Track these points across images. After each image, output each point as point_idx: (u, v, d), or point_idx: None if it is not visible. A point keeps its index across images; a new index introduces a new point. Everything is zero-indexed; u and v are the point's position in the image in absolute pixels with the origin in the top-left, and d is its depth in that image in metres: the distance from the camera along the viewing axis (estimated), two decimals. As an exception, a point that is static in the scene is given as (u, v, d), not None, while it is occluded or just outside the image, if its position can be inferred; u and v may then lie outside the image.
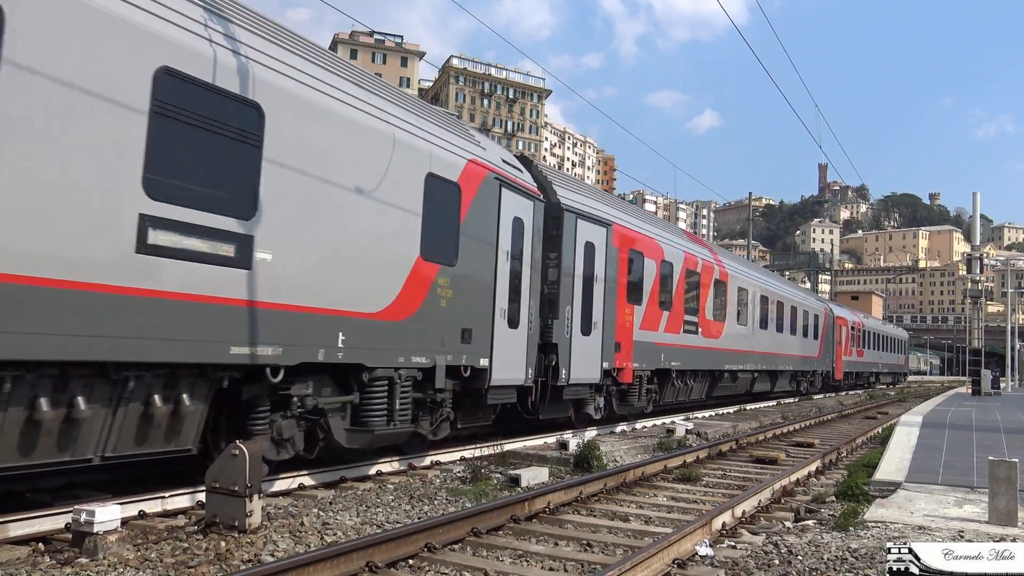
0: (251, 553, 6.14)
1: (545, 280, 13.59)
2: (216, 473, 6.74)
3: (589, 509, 8.70)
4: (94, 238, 6.22)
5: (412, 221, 9.90)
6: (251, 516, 6.68)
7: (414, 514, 8.04)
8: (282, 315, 7.89)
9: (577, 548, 6.97)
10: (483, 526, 7.17)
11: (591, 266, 14.78)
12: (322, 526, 7.22)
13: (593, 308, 14.75)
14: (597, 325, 14.83)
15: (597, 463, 11.19)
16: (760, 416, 22.16)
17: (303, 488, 8.95)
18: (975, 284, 36.36)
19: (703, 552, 6.71)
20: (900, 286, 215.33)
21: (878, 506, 8.47)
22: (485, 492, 9.21)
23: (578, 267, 14.29)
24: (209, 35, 7.26)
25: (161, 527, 6.85)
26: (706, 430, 16.78)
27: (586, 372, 14.53)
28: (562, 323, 13.74)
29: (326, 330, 8.50)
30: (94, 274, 6.17)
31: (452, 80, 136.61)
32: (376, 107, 9.40)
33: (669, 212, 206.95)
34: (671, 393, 19.40)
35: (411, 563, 6.20)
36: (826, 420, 22.44)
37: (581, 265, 14.40)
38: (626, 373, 16.14)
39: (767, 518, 8.50)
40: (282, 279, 7.89)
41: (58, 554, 5.92)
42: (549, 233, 13.60)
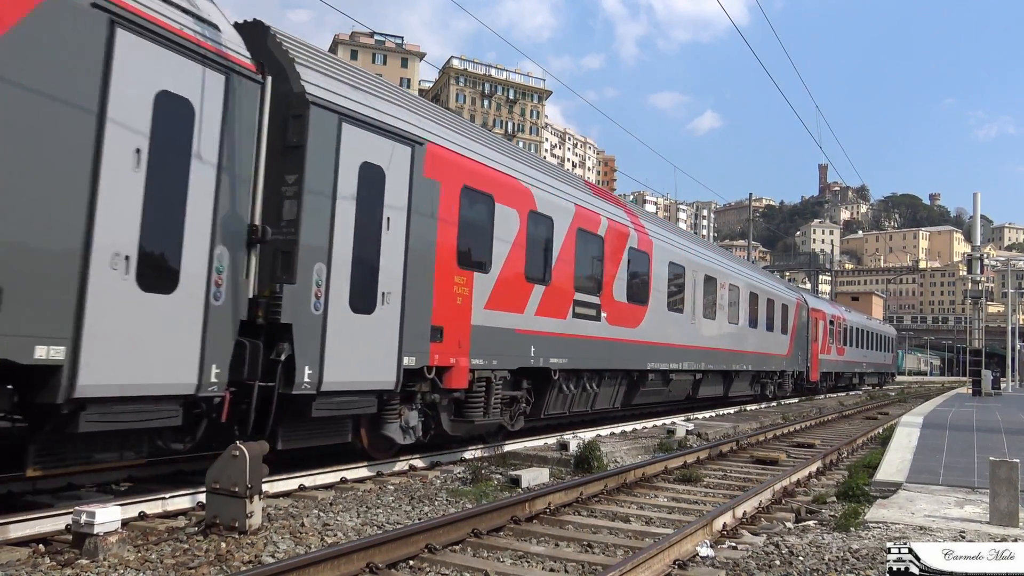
0: (252, 554, 6.13)
1: (275, 219, 8.50)
2: (216, 474, 6.73)
3: (590, 510, 8.69)
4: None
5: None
6: (251, 517, 6.67)
7: (414, 515, 8.04)
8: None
9: (578, 549, 6.96)
10: (484, 527, 7.16)
11: (374, 204, 9.55)
12: (322, 527, 7.21)
13: (380, 270, 9.62)
14: (389, 298, 9.72)
15: (598, 464, 11.18)
16: (761, 417, 22.15)
17: (303, 489, 8.95)
18: (975, 284, 36.36)
19: (704, 553, 6.70)
20: (901, 287, 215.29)
21: (879, 507, 8.46)
22: (486, 493, 9.20)
23: (345, 202, 9.11)
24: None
25: (161, 528, 6.84)
26: (706, 431, 16.78)
27: (363, 372, 9.43)
28: (304, 290, 8.56)
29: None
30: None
31: (452, 81, 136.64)
32: None
33: (670, 213, 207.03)
34: (559, 402, 14.37)
35: (412, 564, 6.19)
36: (827, 420, 22.42)
37: (353, 201, 9.24)
38: (456, 374, 11.02)
39: (768, 519, 8.49)
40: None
41: (58, 555, 5.92)
42: (289, 142, 8.66)
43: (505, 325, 12.24)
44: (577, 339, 14.40)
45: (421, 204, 10.32)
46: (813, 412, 24.72)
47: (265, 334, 8.29)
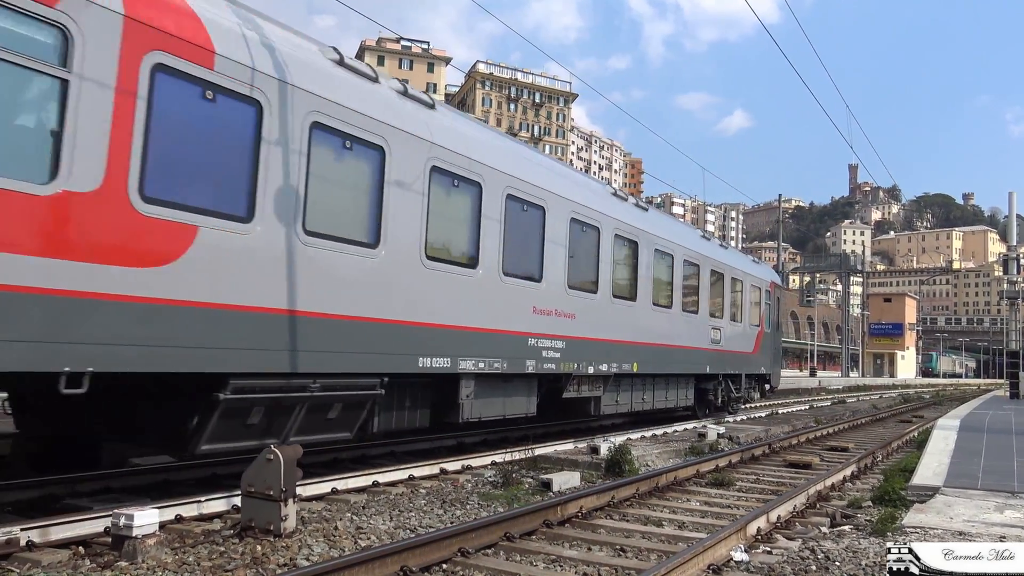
0: (287, 557, 6.18)
1: None
2: (251, 478, 6.79)
3: (622, 514, 8.65)
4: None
5: None
6: (286, 520, 6.72)
7: (446, 518, 8.05)
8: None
9: (611, 553, 6.93)
10: (516, 531, 7.15)
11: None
12: (356, 530, 7.25)
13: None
14: None
15: (629, 467, 11.13)
16: (793, 420, 21.93)
17: (336, 492, 9.00)
18: (1012, 285, 35.78)
19: (738, 557, 6.64)
20: (934, 287, 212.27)
21: (916, 511, 8.33)
22: (517, 497, 9.19)
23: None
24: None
25: (198, 531, 6.91)
26: (738, 434, 16.63)
27: None
28: None
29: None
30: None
31: (478, 85, 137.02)
32: None
33: (697, 215, 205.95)
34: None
35: (445, 567, 6.20)
36: (860, 424, 22.15)
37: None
38: None
39: (802, 523, 8.40)
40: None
41: (98, 557, 6.00)
42: None
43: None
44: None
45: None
46: (846, 415, 24.43)
47: None
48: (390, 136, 9.39)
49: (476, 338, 10.86)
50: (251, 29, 7.90)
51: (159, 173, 6.83)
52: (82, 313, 6.24)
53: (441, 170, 10.23)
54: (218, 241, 7.31)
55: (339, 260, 8.64)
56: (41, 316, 5.97)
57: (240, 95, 7.55)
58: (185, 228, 7.01)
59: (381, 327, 9.20)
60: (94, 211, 6.34)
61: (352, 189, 9.11)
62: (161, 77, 6.86)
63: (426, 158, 9.98)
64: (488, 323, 11.12)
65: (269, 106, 7.83)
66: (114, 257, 6.46)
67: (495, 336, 11.28)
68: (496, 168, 11.39)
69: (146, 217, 6.70)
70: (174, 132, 7.04)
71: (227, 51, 7.42)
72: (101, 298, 6.37)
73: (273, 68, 7.92)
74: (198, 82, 7.17)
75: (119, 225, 6.52)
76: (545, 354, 12.45)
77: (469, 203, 10.89)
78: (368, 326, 9.01)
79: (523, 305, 11.95)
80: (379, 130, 9.23)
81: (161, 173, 6.86)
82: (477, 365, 10.85)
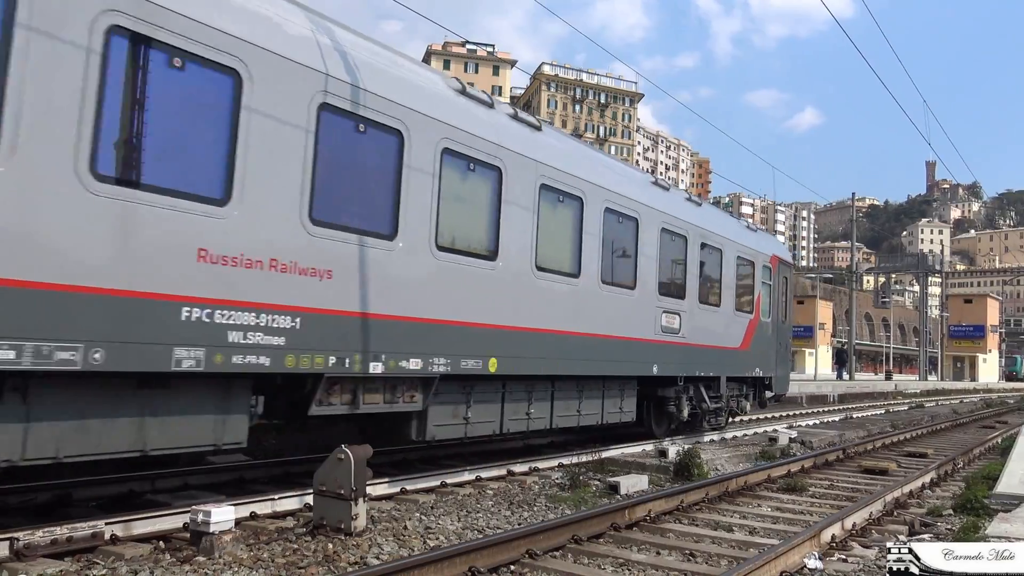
0: (357, 555, 6.28)
1: None
2: (323, 477, 6.93)
3: (691, 518, 8.54)
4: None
5: None
6: (356, 519, 6.84)
7: (514, 520, 8.07)
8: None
9: (680, 558, 6.85)
10: (584, 533, 7.13)
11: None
12: (424, 530, 7.32)
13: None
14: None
15: (698, 471, 10.98)
16: (868, 424, 21.33)
17: (405, 492, 9.11)
18: (1103, 285, 34.09)
19: (812, 565, 6.49)
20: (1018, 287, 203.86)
21: (1001, 520, 8.00)
22: (584, 499, 9.16)
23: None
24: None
25: (271, 528, 7.08)
26: (811, 439, 16.26)
27: None
28: None
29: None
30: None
31: (544, 87, 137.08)
32: None
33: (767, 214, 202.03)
34: None
35: (512, 568, 6.21)
36: (939, 429, 21.40)
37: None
38: None
39: (879, 531, 8.16)
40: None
41: (177, 552, 6.20)
42: None
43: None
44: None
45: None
46: (924, 420, 23.63)
47: None
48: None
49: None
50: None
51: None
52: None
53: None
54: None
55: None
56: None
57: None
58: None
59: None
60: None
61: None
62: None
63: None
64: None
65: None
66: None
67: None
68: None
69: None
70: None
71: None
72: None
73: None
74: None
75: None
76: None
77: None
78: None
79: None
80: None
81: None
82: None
